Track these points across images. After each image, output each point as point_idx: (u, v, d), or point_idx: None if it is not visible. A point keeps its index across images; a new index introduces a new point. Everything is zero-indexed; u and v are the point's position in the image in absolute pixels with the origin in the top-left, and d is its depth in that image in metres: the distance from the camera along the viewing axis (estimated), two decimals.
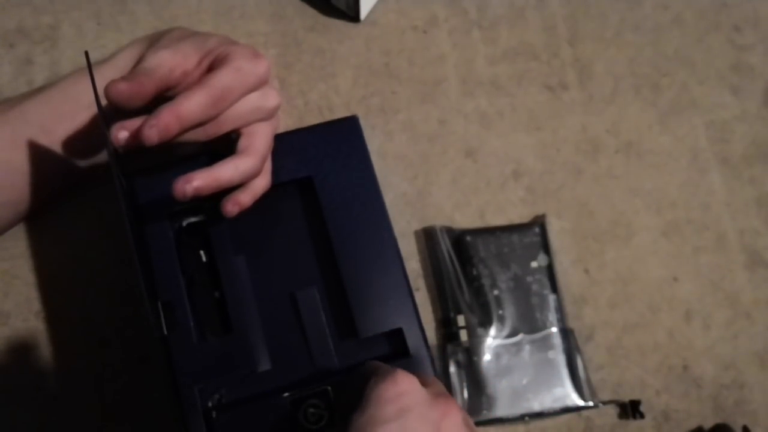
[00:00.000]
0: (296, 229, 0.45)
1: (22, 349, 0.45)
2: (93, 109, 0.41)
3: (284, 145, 0.44)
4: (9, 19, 0.51)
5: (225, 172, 0.38)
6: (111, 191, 0.39)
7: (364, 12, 0.52)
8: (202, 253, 0.43)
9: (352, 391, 0.35)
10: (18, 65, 0.50)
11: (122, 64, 0.42)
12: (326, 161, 0.44)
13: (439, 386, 0.36)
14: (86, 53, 0.35)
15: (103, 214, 0.47)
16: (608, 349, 0.48)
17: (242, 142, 0.40)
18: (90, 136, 0.42)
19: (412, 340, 0.42)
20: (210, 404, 0.40)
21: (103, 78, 0.42)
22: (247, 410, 0.39)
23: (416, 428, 0.31)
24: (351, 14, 0.53)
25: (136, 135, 0.35)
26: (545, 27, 0.54)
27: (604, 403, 0.46)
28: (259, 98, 0.40)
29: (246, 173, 0.39)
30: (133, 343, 0.45)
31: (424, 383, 0.34)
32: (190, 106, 0.36)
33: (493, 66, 0.53)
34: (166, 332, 0.39)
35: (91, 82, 0.35)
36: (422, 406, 0.31)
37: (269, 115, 0.41)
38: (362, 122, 0.46)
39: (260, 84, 0.40)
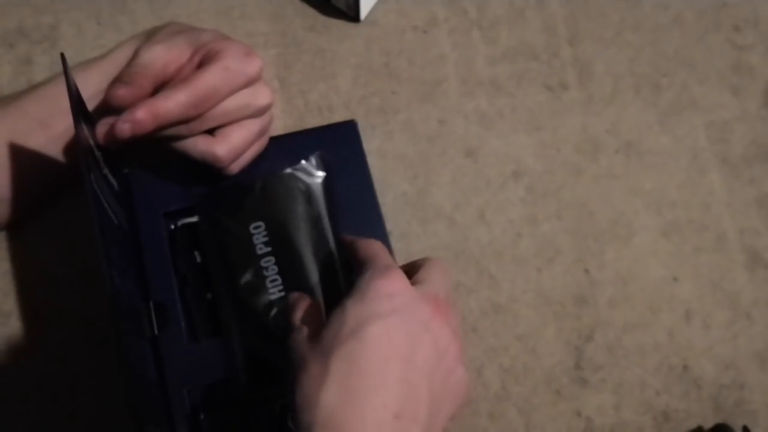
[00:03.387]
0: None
1: (22, 349, 0.45)
2: (91, 104, 0.41)
3: (281, 147, 0.44)
4: (9, 19, 0.51)
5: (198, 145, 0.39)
6: None
7: (364, 12, 0.52)
8: (196, 253, 0.43)
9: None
10: (18, 65, 0.50)
11: (121, 59, 0.42)
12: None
13: (432, 286, 0.36)
14: (62, 55, 0.35)
15: None
16: (608, 349, 0.47)
17: (220, 130, 0.40)
18: None
19: None
20: (198, 405, 0.40)
21: (102, 73, 0.42)
22: (235, 413, 0.39)
23: (408, 325, 0.32)
24: (351, 14, 0.53)
25: (111, 129, 0.35)
26: (545, 27, 0.54)
27: None
28: (248, 96, 0.39)
29: (210, 157, 0.39)
30: None
31: (416, 282, 0.36)
32: (170, 105, 0.35)
33: (493, 66, 0.53)
34: (156, 332, 0.39)
35: (66, 84, 0.34)
36: (413, 306, 0.33)
37: (259, 113, 0.40)
38: (362, 122, 0.46)
39: (250, 83, 0.39)
